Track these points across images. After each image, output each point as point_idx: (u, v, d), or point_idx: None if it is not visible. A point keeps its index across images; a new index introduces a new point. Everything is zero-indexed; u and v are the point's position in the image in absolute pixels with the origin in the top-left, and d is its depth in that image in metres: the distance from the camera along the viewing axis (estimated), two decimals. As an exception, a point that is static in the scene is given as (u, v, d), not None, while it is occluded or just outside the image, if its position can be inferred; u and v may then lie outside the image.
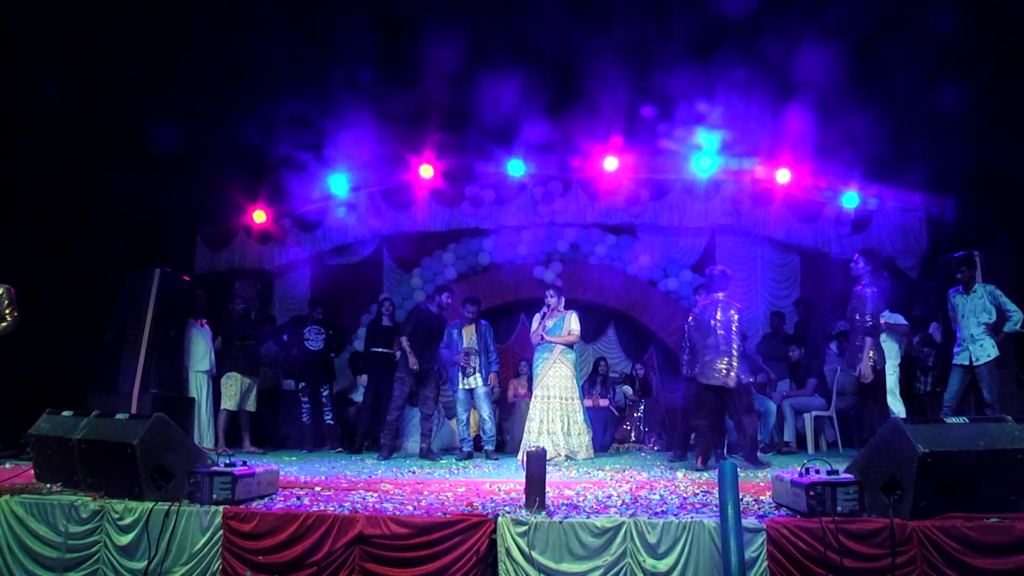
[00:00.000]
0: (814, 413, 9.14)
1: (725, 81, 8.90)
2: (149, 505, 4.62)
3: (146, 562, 4.51)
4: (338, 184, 10.79)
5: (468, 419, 8.83)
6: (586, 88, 9.27)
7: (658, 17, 8.65)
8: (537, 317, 8.48)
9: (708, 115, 9.31)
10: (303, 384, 9.72)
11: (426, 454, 8.46)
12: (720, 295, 7.14)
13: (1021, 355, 7.73)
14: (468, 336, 8.80)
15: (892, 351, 7.81)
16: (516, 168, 10.59)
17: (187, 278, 9.51)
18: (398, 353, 8.74)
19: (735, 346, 6.91)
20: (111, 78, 8.62)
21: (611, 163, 10.45)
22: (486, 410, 8.66)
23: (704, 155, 10.03)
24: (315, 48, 9.26)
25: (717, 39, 8.75)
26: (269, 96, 9.39)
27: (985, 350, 7.19)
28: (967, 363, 7.26)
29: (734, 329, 6.94)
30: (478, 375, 8.68)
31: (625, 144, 10.19)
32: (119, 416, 5.23)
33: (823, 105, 8.79)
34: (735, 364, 6.86)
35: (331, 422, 9.77)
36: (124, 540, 4.61)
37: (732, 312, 6.99)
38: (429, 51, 8.75)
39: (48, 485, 5.35)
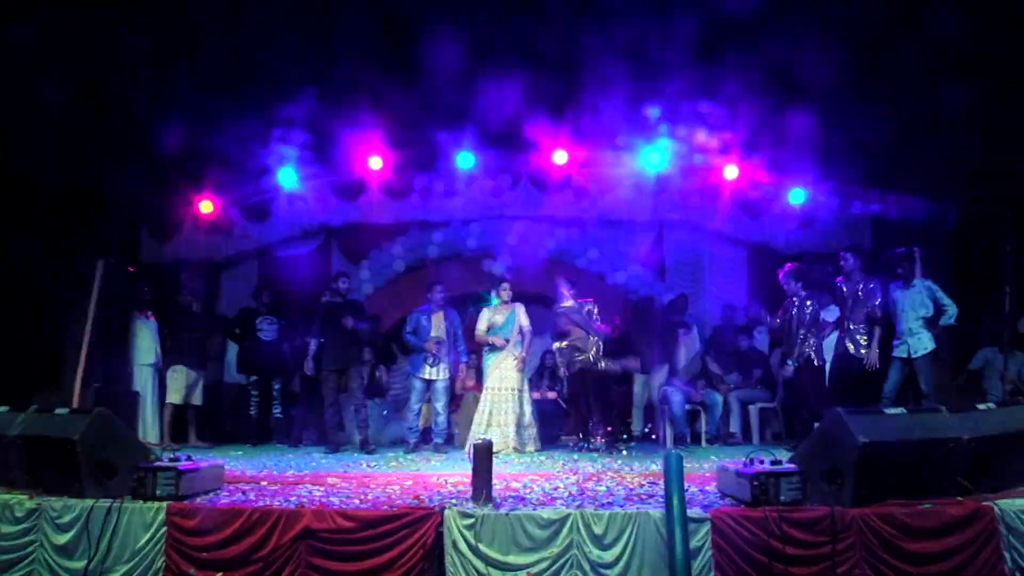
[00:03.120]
0: (759, 405, 9.30)
1: (677, 77, 8.95)
2: (90, 503, 4.53)
3: (86, 561, 4.42)
4: (286, 176, 10.62)
5: (420, 410, 8.73)
6: (537, 82, 9.25)
7: (613, 14, 8.67)
8: (485, 312, 8.48)
9: (658, 111, 9.36)
10: (254, 377, 9.58)
11: (363, 445, 8.41)
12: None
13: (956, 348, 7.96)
14: (437, 324, 8.70)
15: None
16: (465, 161, 10.53)
17: (131, 268, 9.30)
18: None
19: None
20: (55, 64, 8.38)
21: (560, 157, 10.46)
22: (441, 403, 8.61)
23: (653, 150, 10.09)
24: (265, 37, 9.08)
25: (673, 37, 8.79)
26: (217, 85, 9.19)
27: (923, 343, 7.41)
28: (905, 355, 7.46)
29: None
30: (442, 366, 8.59)
31: (574, 138, 10.20)
32: (59, 411, 5.11)
33: (771, 101, 8.90)
34: None
35: (279, 416, 9.65)
36: (62, 539, 4.52)
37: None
38: (378, 43, 8.66)
39: (-19, 483, 5.21)
